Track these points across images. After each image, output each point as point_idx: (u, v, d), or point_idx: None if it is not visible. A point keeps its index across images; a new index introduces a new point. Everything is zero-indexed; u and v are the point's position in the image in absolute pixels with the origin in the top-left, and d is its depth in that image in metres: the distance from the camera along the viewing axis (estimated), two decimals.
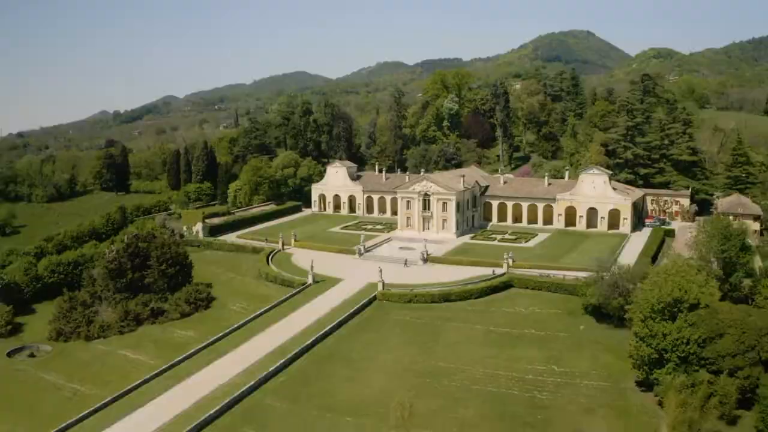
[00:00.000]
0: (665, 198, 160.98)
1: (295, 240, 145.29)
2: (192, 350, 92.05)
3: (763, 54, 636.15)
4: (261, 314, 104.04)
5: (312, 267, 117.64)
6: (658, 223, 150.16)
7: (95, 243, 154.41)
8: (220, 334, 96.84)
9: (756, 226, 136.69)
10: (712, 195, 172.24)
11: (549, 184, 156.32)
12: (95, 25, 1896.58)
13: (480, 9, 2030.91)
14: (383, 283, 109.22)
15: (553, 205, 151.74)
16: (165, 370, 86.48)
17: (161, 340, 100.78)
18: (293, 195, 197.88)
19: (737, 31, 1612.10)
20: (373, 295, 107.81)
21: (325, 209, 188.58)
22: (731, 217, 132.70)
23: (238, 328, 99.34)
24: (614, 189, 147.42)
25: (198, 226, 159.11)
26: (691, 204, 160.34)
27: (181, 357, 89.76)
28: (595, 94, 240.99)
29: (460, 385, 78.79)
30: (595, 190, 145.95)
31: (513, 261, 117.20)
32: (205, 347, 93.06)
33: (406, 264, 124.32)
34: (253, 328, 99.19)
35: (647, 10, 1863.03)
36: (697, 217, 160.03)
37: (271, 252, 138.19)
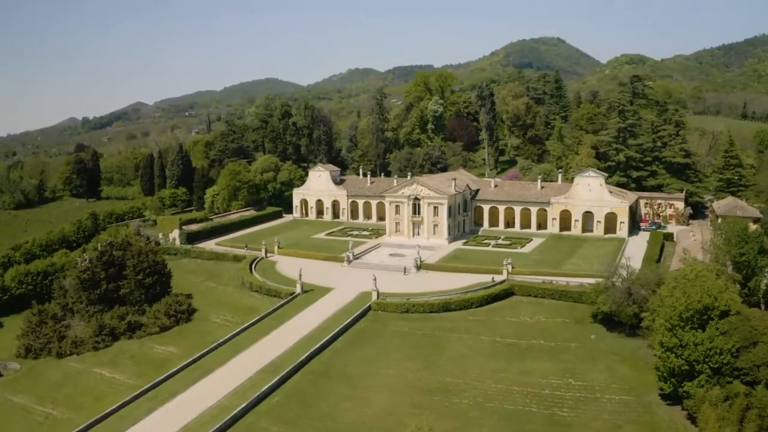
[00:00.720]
0: (659, 201, 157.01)
1: (279, 247, 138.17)
2: (175, 368, 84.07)
3: (734, 60, 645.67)
4: (248, 327, 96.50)
5: (300, 275, 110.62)
6: (654, 227, 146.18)
7: (66, 251, 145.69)
8: (205, 349, 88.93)
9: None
10: (703, 198, 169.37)
11: (542, 187, 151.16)
12: (62, 31, 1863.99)
13: (451, 16, 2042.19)
14: (378, 292, 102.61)
15: (547, 208, 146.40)
16: (146, 391, 78.39)
17: (140, 356, 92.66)
18: (273, 200, 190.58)
19: (707, 37, 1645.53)
20: (368, 305, 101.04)
21: (307, 215, 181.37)
22: None
23: (224, 342, 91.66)
24: (610, 192, 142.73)
25: (175, 233, 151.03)
26: (685, 207, 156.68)
27: (163, 376, 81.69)
28: (580, 97, 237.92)
29: (473, 403, 72.34)
30: (591, 193, 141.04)
31: (512, 267, 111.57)
32: (188, 364, 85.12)
33: (405, 272, 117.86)
34: (241, 342, 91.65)
35: (617, 18, 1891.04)
36: (691, 221, 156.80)
37: (254, 260, 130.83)
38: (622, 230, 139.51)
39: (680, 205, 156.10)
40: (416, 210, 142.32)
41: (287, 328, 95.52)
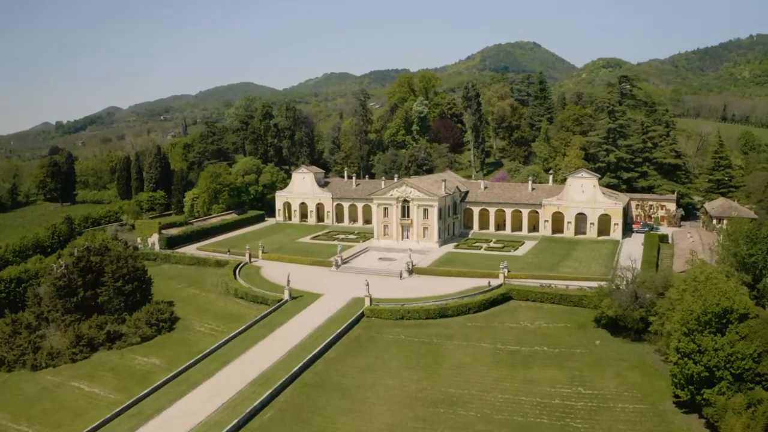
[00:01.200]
0: (651, 202, 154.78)
1: (263, 252, 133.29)
2: (158, 381, 78.61)
3: (709, 64, 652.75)
4: (235, 336, 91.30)
5: (288, 281, 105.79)
6: (646, 229, 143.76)
7: (40, 257, 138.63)
8: (191, 360, 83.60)
9: None
10: (693, 199, 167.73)
11: (533, 189, 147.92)
12: (34, 34, 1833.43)
13: (427, 20, 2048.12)
14: (371, 298, 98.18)
15: (538, 210, 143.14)
16: (128, 407, 72.89)
17: (120, 368, 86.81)
18: (255, 203, 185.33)
19: (682, 41, 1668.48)
20: (361, 311, 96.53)
21: (290, 218, 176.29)
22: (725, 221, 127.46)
23: (211, 352, 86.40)
24: (603, 193, 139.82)
25: (154, 238, 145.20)
26: (677, 208, 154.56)
27: (146, 390, 76.22)
28: (564, 99, 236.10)
29: (480, 415, 68.07)
30: (584, 195, 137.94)
31: (508, 271, 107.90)
32: (173, 377, 79.69)
33: (401, 276, 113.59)
34: (228, 352, 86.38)
35: (592, 22, 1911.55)
36: (682, 222, 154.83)
37: (237, 265, 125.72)
38: (616, 232, 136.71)
39: (672, 206, 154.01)
40: (405, 212, 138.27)
41: (277, 336, 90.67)
